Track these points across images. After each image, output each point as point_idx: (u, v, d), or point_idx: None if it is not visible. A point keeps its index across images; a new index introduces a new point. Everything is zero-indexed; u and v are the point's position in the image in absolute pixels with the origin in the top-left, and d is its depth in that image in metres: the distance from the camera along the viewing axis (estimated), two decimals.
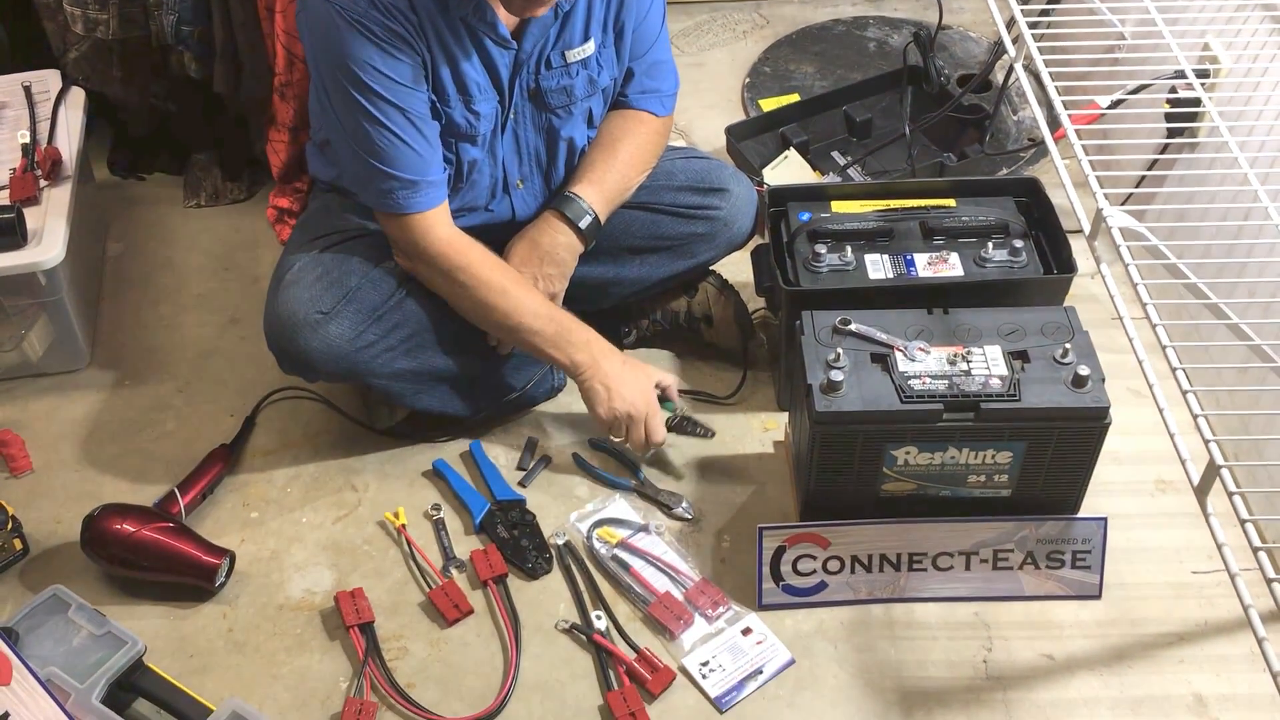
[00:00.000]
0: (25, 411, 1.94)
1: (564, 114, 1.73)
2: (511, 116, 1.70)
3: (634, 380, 1.72)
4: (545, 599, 1.67)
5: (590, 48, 1.69)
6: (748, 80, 2.59)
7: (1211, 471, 1.27)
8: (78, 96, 2.10)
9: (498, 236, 1.78)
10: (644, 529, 1.74)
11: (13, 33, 2.26)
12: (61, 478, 1.84)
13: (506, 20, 1.61)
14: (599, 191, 1.75)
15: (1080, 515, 1.65)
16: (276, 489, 1.83)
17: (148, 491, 1.78)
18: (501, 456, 1.86)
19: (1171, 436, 1.35)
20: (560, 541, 1.71)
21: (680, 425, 1.86)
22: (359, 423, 1.89)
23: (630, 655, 1.58)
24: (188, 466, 1.81)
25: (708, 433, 1.85)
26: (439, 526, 1.76)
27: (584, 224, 1.74)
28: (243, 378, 1.98)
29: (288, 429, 1.91)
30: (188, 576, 1.66)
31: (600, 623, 1.62)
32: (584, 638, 1.61)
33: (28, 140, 1.97)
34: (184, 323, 2.09)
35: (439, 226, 1.64)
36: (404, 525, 1.75)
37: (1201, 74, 1.74)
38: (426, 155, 1.61)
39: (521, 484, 1.81)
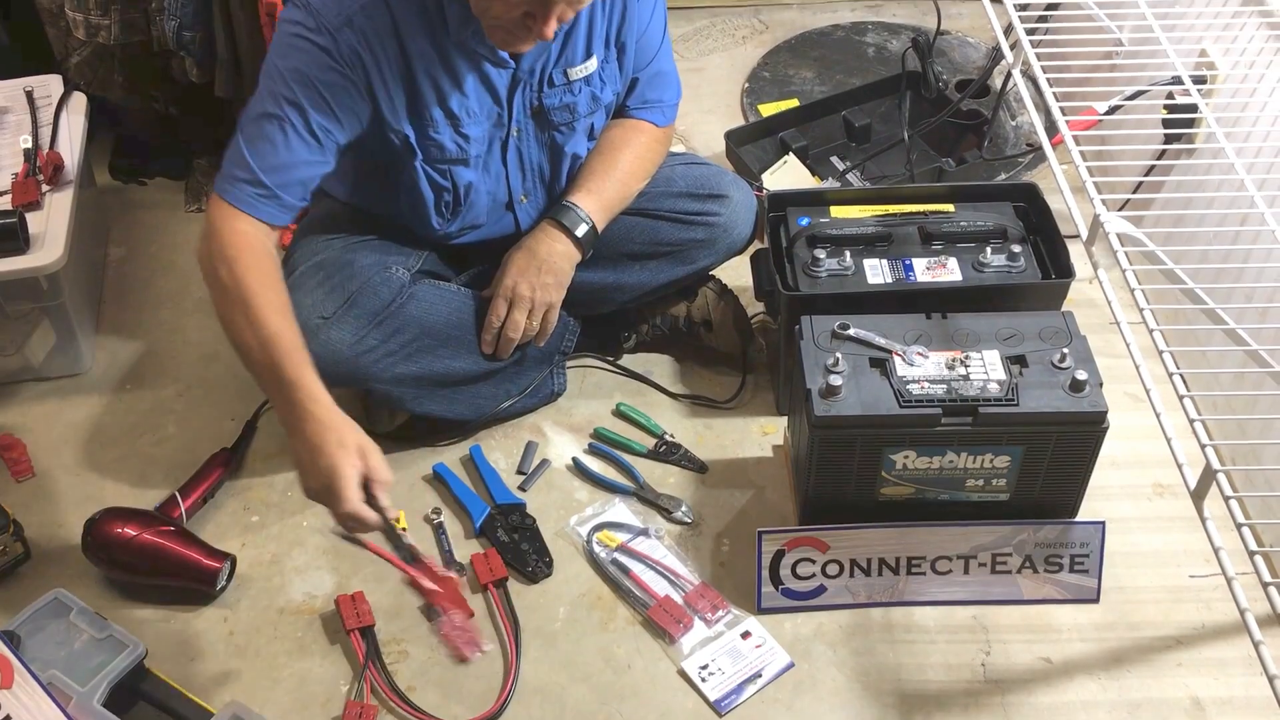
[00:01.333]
0: (27, 415, 1.94)
1: (567, 130, 1.74)
2: (515, 134, 1.70)
3: (319, 462, 1.46)
4: (545, 602, 1.67)
5: (593, 64, 1.69)
6: (747, 85, 2.59)
7: (1208, 476, 1.28)
8: (79, 101, 2.11)
9: (502, 249, 1.80)
10: (644, 533, 1.74)
11: (15, 38, 2.27)
12: (63, 482, 1.85)
13: None
14: (597, 200, 1.75)
15: (1078, 519, 1.66)
16: (277, 493, 1.83)
17: (149, 495, 1.79)
18: (501, 460, 1.86)
19: (1168, 441, 1.35)
20: None
21: (675, 458, 1.85)
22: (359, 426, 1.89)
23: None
24: (189, 470, 1.82)
25: (700, 466, 1.85)
26: (439, 530, 1.76)
27: (580, 232, 1.74)
28: (244, 381, 1.97)
29: None
30: (189, 580, 1.67)
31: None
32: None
33: (30, 145, 1.98)
34: (185, 326, 2.10)
35: (241, 220, 1.54)
36: (405, 529, 1.76)
37: (1198, 80, 1.75)
38: (292, 169, 1.55)
39: (521, 488, 1.82)
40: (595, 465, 1.85)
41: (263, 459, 1.88)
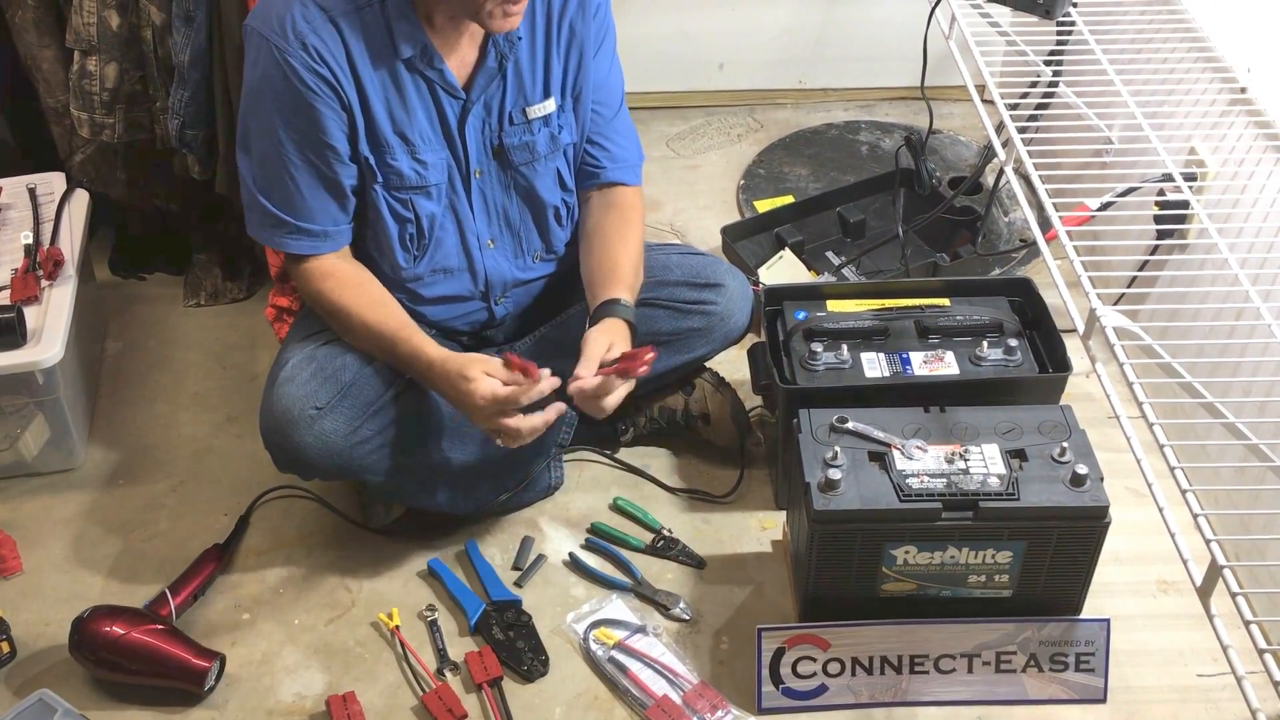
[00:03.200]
0: (18, 511, 1.92)
1: (528, 170, 1.75)
2: (477, 175, 1.73)
3: (455, 401, 1.64)
4: (541, 702, 1.64)
5: (551, 105, 1.72)
6: (743, 182, 2.63)
7: (1214, 572, 1.26)
8: (81, 198, 2.13)
9: (477, 316, 1.83)
10: (641, 630, 1.71)
11: (20, 137, 2.30)
12: (52, 579, 1.82)
13: (454, 70, 1.64)
14: (632, 294, 1.75)
15: (1082, 617, 1.63)
16: (269, 590, 1.80)
17: (139, 592, 1.76)
18: (497, 556, 1.84)
19: (1172, 536, 1.34)
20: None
21: (673, 553, 1.84)
22: (354, 521, 1.88)
23: None
24: (180, 567, 1.79)
25: (698, 562, 1.83)
26: (433, 628, 1.73)
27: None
28: (238, 476, 1.97)
29: (282, 528, 1.89)
30: (177, 680, 1.63)
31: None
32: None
33: (30, 241, 1.99)
34: (180, 421, 2.09)
35: (306, 260, 1.69)
36: (398, 626, 1.73)
37: (1189, 177, 1.77)
38: (315, 205, 1.65)
39: (517, 584, 1.80)
40: (592, 561, 1.83)
41: (255, 555, 1.85)
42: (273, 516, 1.91)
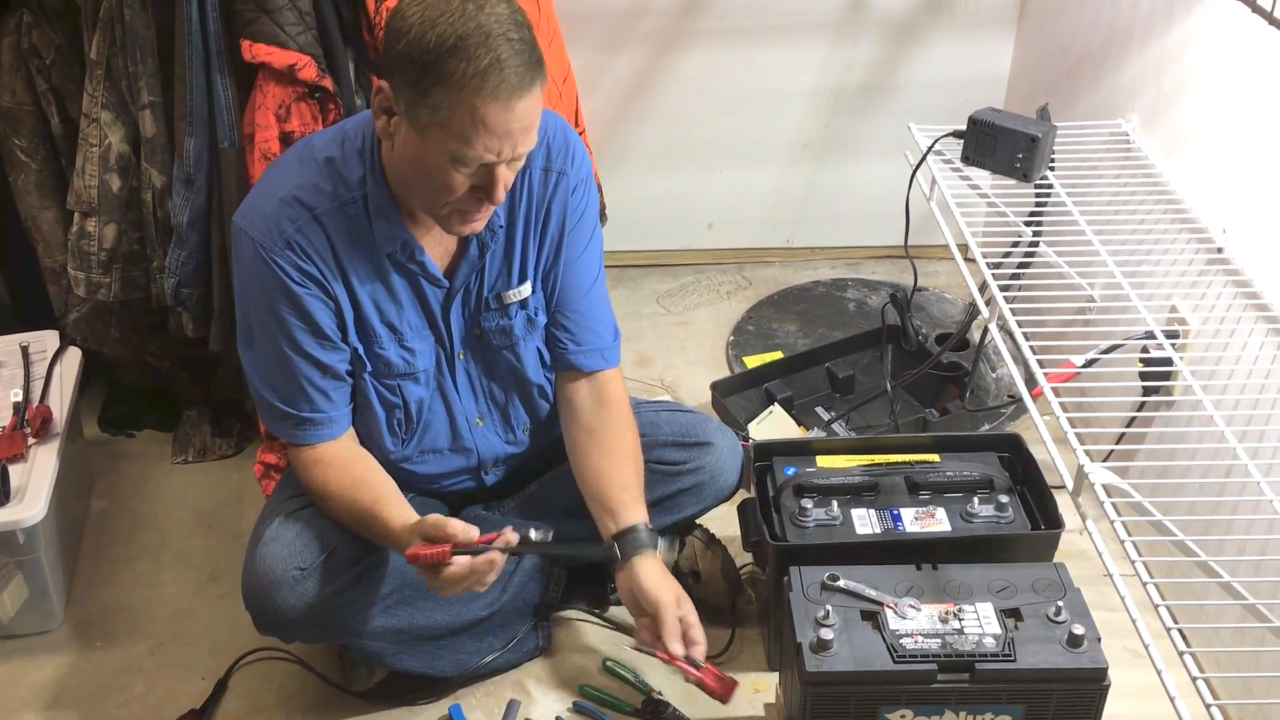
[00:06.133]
0: None
1: (510, 354, 1.76)
2: (461, 356, 1.73)
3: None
4: None
5: (527, 289, 1.73)
6: (732, 338, 2.66)
7: None
8: (74, 356, 2.15)
9: (465, 485, 1.81)
10: None
11: (16, 295, 2.33)
12: None
13: (437, 259, 1.65)
14: (641, 503, 1.73)
15: None
16: None
17: None
18: None
19: (1172, 700, 1.31)
20: None
21: (663, 717, 1.79)
22: (335, 685, 1.83)
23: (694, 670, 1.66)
24: None
25: None
26: None
27: (661, 543, 1.73)
28: (218, 638, 1.93)
29: (260, 692, 1.84)
30: None
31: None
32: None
33: (20, 399, 2.00)
34: (161, 580, 2.06)
35: (304, 449, 1.67)
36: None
37: (1171, 335, 1.79)
38: (317, 397, 1.64)
39: None
40: None
41: None
42: (252, 680, 1.86)
